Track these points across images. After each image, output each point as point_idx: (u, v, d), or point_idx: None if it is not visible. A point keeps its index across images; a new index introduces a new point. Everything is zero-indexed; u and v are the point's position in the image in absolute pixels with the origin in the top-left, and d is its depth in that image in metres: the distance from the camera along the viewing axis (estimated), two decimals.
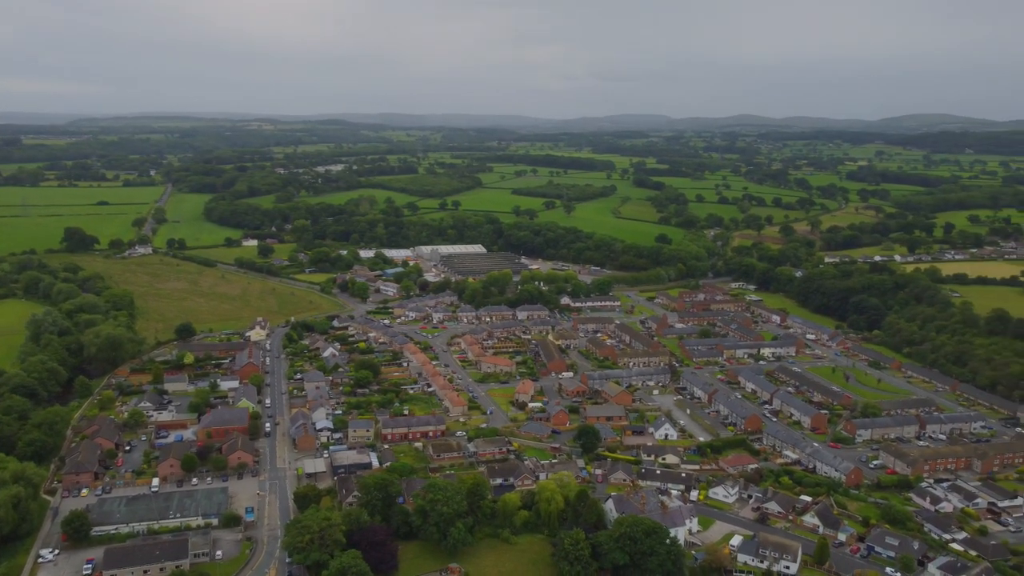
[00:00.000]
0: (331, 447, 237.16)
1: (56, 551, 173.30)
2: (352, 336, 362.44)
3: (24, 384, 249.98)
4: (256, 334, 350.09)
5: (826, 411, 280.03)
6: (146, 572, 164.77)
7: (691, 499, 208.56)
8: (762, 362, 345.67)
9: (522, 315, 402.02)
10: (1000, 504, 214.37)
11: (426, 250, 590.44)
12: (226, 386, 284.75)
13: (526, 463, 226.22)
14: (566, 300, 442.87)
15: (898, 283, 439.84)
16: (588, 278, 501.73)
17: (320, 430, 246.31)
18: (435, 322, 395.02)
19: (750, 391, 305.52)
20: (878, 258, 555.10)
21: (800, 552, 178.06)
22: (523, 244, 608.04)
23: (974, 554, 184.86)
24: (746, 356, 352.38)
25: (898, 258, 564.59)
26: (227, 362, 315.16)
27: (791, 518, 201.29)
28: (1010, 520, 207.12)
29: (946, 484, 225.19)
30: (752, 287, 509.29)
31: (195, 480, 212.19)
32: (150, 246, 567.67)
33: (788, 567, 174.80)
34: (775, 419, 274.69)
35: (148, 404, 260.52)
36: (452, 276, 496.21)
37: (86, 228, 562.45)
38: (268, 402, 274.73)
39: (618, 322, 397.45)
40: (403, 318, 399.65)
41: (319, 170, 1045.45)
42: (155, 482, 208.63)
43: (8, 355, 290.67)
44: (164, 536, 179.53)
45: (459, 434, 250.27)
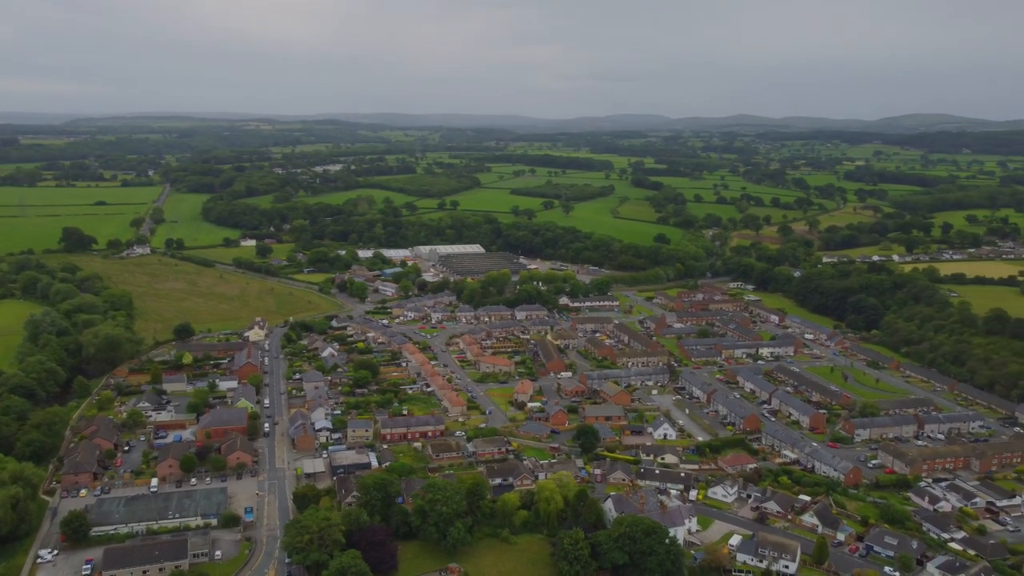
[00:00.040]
0: (330, 447, 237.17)
1: (55, 551, 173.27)
2: (351, 336, 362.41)
3: (22, 384, 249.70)
4: (255, 334, 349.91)
5: (825, 411, 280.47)
6: (145, 572, 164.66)
7: (690, 499, 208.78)
8: (761, 362, 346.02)
9: (521, 315, 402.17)
10: (998, 503, 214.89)
11: (424, 250, 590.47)
12: (225, 386, 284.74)
13: (525, 463, 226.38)
14: (565, 300, 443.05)
15: (896, 283, 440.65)
16: (586, 278, 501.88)
17: (319, 430, 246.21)
18: (434, 322, 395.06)
19: (749, 391, 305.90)
20: (876, 258, 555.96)
21: (799, 551, 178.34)
22: (521, 244, 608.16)
23: (973, 553, 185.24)
24: (745, 356, 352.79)
25: (896, 258, 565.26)
26: (226, 362, 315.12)
27: (790, 518, 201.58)
28: (1008, 519, 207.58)
29: (944, 483, 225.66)
30: (750, 287, 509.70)
31: (194, 480, 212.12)
32: (148, 246, 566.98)
33: (787, 566, 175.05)
34: (774, 419, 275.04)
35: (147, 404, 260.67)
36: (451, 276, 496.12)
37: (84, 228, 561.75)
38: (267, 402, 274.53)
39: (617, 322, 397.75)
40: (402, 318, 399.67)
41: (317, 170, 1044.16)
42: (154, 482, 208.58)
43: (6, 355, 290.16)
44: (163, 536, 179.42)
45: (458, 434, 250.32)
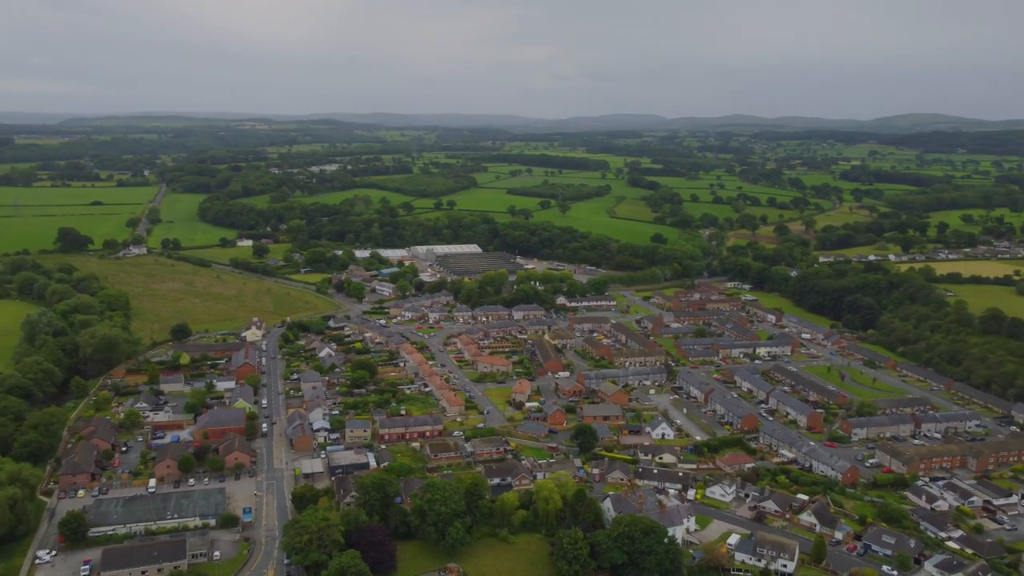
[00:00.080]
0: (328, 447, 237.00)
1: (53, 552, 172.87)
2: (348, 336, 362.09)
3: (19, 385, 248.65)
4: (252, 334, 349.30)
5: (822, 410, 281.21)
6: (144, 573, 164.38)
7: (688, 498, 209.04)
8: (758, 361, 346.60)
9: (518, 315, 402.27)
10: (995, 502, 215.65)
11: (422, 250, 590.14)
12: (222, 386, 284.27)
13: (524, 463, 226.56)
14: (562, 300, 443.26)
15: (892, 282, 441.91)
16: (584, 278, 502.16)
17: (317, 430, 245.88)
18: (431, 322, 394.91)
19: (746, 390, 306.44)
20: (872, 257, 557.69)
21: (797, 550, 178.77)
22: (518, 244, 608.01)
23: (970, 552, 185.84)
24: (742, 355, 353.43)
25: (892, 257, 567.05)
26: (223, 362, 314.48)
27: (788, 517, 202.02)
28: (1005, 518, 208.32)
29: (942, 482, 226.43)
30: (747, 286, 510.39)
31: (192, 481, 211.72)
32: (144, 246, 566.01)
33: (785, 566, 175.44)
34: (771, 418, 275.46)
35: (144, 405, 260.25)
36: (448, 276, 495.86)
37: (80, 228, 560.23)
38: (265, 402, 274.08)
39: (614, 322, 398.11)
40: (399, 318, 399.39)
41: (313, 170, 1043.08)
42: (152, 483, 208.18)
43: (3, 356, 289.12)
44: (162, 537, 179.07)
45: (456, 434, 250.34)
